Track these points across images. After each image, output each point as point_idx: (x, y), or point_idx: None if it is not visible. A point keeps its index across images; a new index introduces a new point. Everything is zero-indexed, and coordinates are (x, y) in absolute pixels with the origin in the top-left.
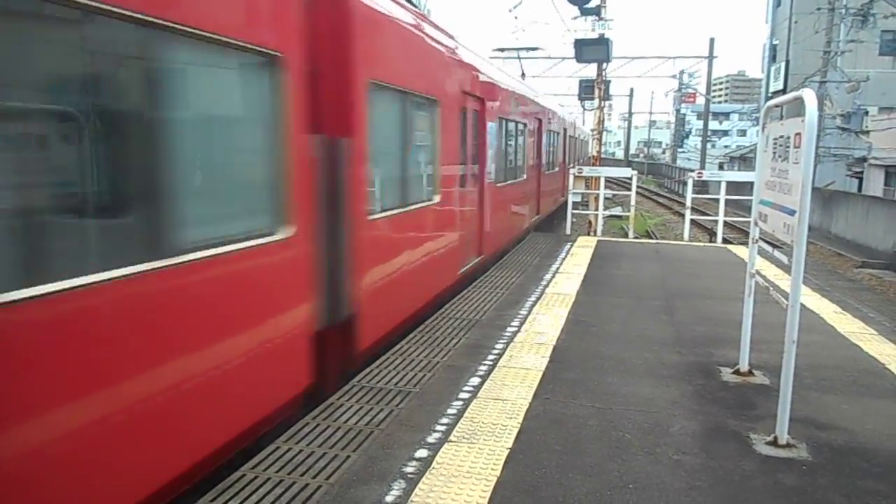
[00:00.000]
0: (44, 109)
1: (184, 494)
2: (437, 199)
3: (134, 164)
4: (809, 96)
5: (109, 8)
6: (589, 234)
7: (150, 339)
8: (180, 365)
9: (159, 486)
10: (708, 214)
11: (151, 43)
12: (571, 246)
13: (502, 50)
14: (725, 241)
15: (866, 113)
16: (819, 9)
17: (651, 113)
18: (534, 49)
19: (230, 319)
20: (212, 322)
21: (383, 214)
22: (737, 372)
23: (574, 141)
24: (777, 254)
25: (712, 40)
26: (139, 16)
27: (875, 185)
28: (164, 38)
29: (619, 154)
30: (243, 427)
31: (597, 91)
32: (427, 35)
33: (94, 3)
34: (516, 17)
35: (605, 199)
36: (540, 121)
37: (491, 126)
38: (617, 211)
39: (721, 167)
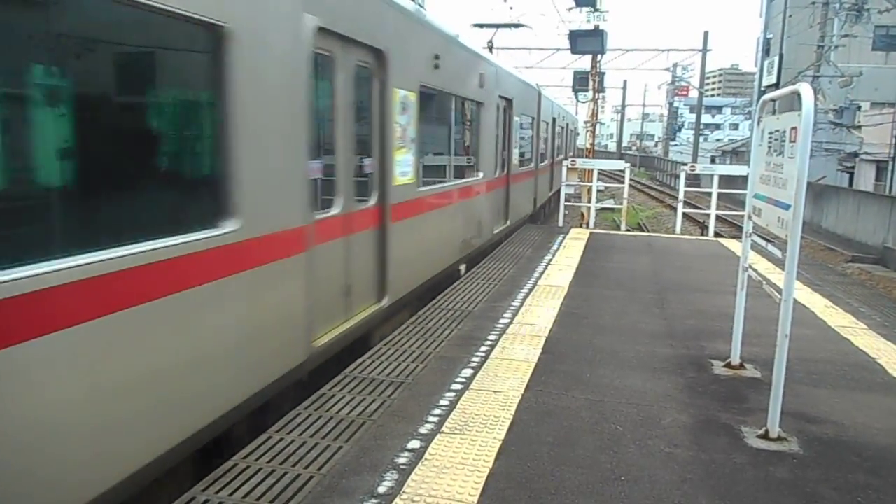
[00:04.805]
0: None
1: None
2: (538, 165)
3: None
4: (806, 91)
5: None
6: (581, 227)
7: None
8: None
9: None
10: (700, 208)
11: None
12: (564, 238)
13: (481, 26)
14: (717, 234)
15: (858, 108)
16: (813, 3)
17: (644, 105)
18: (518, 26)
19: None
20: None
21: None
22: (728, 365)
23: (575, 135)
24: (770, 248)
25: (706, 34)
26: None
27: (866, 180)
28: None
29: (612, 146)
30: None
31: (591, 83)
32: (546, 98)
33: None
34: (511, 8)
35: (598, 191)
36: (554, 119)
37: (542, 128)
38: (609, 203)
39: (713, 160)
